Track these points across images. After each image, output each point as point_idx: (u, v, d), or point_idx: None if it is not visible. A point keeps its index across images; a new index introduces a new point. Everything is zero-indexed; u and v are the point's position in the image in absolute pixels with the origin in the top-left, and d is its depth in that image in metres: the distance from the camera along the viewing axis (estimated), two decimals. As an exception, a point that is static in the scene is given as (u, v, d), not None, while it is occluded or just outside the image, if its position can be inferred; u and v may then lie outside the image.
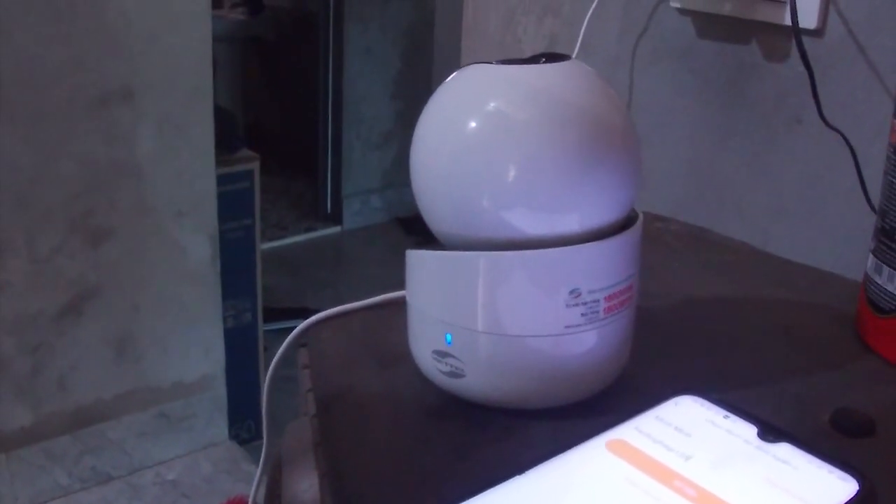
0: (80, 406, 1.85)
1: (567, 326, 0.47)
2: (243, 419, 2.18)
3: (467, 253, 0.46)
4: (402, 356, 0.54)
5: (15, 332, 1.71)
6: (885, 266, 0.55)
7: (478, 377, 0.48)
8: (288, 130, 4.12)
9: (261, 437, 2.19)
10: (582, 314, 0.47)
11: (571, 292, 0.46)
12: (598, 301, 0.47)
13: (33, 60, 1.59)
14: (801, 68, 0.84)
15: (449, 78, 0.50)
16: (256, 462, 2.01)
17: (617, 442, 0.42)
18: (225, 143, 1.97)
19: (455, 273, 0.47)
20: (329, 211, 3.73)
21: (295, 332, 0.59)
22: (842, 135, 0.82)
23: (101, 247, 1.77)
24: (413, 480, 0.44)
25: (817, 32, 0.88)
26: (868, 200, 0.80)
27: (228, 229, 2.03)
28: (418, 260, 0.49)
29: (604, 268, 0.47)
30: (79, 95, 1.66)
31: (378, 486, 0.44)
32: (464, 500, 0.38)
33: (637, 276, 0.50)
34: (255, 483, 0.68)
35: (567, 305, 0.47)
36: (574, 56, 1.10)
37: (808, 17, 0.87)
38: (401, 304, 0.53)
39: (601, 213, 0.46)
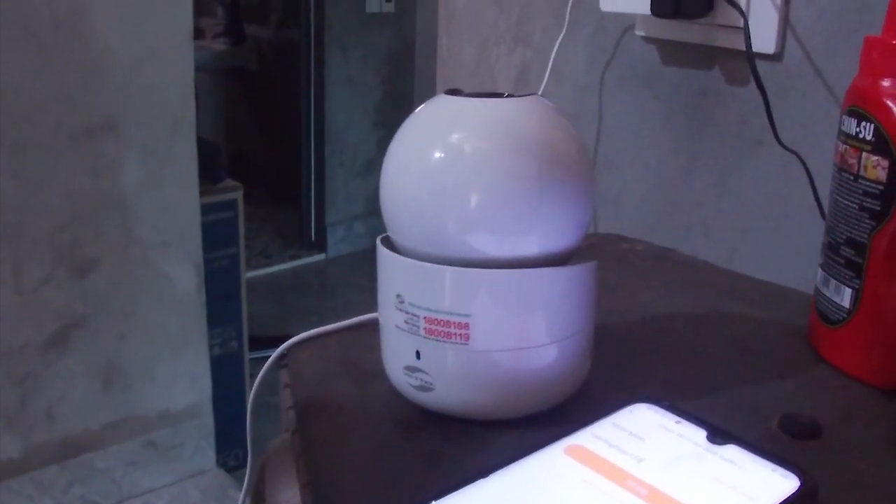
0: (68, 436, 1.86)
1: (396, 326, 0.52)
2: (231, 447, 2.19)
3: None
4: (376, 373, 0.57)
5: (2, 363, 1.72)
6: (831, 279, 0.59)
7: (446, 390, 0.51)
8: (271, 159, 4.15)
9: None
10: (405, 321, 0.51)
11: (397, 296, 0.51)
12: (417, 316, 0.50)
13: (17, 93, 1.61)
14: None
15: (418, 108, 0.53)
16: (244, 489, 2.03)
17: (575, 447, 0.45)
18: (208, 174, 1.99)
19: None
20: (313, 239, 3.75)
21: (275, 354, 0.62)
22: (797, 155, 0.86)
23: (87, 277, 1.79)
24: (387, 486, 0.47)
25: (776, 57, 0.91)
26: (824, 218, 0.83)
27: (213, 258, 2.04)
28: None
29: (422, 288, 0.50)
30: (63, 127, 1.68)
31: (355, 492, 0.47)
32: (429, 501, 0.41)
33: (478, 323, 0.50)
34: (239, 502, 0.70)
35: (395, 307, 0.51)
36: (544, 84, 1.14)
37: (767, 42, 0.91)
38: (374, 326, 0.56)
39: (555, 238, 0.50)
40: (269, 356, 0.62)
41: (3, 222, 1.64)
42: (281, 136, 3.97)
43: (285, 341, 0.63)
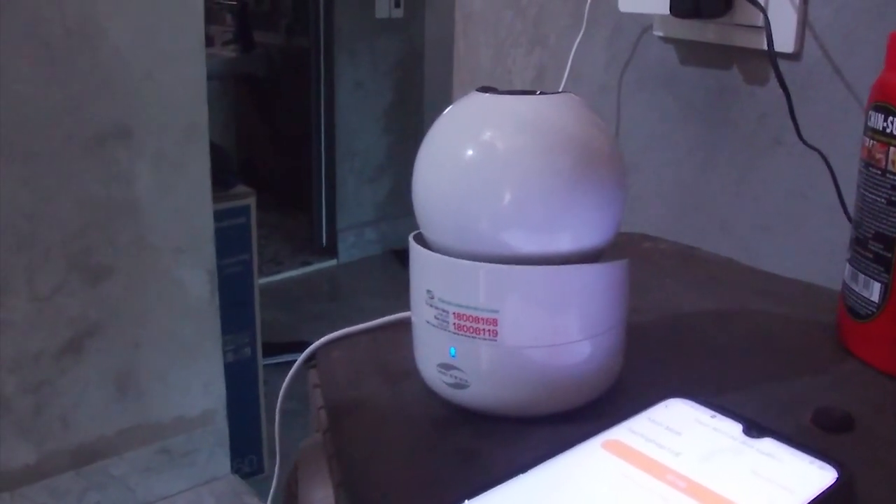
0: (83, 443, 1.86)
1: (427, 322, 0.52)
2: (245, 453, 2.19)
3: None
4: (408, 372, 0.57)
5: (17, 370, 1.72)
6: (860, 273, 0.59)
7: (481, 387, 0.51)
8: (281, 166, 4.15)
9: (263, 471, 2.21)
10: (435, 316, 0.51)
11: (427, 292, 0.51)
12: (446, 312, 0.50)
13: (30, 101, 1.61)
14: (780, 91, 0.87)
15: (451, 106, 0.54)
16: (258, 495, 2.03)
17: (612, 442, 0.45)
18: (220, 180, 1.99)
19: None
20: (324, 245, 3.75)
21: (306, 353, 0.62)
22: (820, 153, 0.86)
23: (101, 284, 1.79)
24: (421, 484, 0.47)
25: (795, 56, 0.91)
26: (847, 214, 0.83)
27: (226, 265, 2.04)
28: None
29: (452, 284, 0.50)
30: (76, 135, 1.68)
31: (389, 491, 0.46)
32: (471, 497, 0.41)
33: (510, 319, 0.50)
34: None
35: (425, 303, 0.52)
36: (562, 85, 1.14)
37: (786, 41, 0.91)
38: (403, 325, 0.56)
39: (588, 235, 0.50)
40: (284, 362, 0.62)
41: (16, 230, 1.65)
42: (291, 142, 3.97)
43: (298, 347, 0.63)
